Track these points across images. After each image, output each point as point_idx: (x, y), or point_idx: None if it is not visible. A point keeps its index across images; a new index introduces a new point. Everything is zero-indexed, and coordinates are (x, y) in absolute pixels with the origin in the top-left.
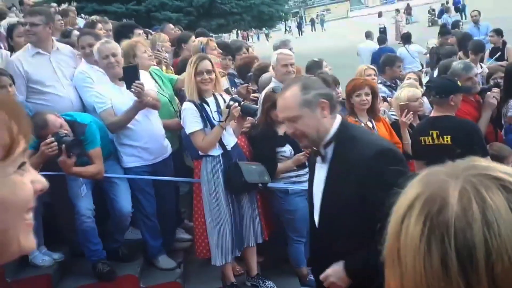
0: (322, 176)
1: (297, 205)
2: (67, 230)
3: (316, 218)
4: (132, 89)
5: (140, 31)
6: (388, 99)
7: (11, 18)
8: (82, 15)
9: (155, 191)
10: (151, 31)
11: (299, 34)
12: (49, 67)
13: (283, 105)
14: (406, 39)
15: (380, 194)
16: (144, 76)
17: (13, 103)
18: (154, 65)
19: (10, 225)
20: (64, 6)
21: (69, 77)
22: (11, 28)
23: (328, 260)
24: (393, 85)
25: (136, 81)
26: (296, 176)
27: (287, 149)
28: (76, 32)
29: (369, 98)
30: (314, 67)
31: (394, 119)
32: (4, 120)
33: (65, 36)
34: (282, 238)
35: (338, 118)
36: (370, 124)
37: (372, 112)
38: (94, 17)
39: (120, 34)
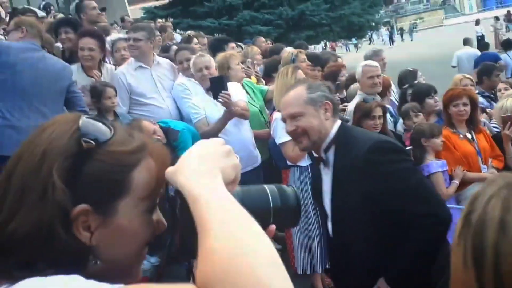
0: (328, 182)
1: None
2: (163, 235)
3: (330, 226)
4: (219, 99)
5: (233, 45)
6: (487, 110)
7: (114, 34)
8: (178, 30)
9: None
10: (242, 44)
11: (390, 44)
12: (150, 80)
13: (288, 101)
14: (506, 45)
15: (384, 186)
16: (235, 87)
17: (163, 153)
18: (247, 77)
19: (133, 252)
20: (161, 22)
21: (168, 89)
22: (113, 44)
23: (346, 268)
24: (492, 95)
25: (223, 91)
26: None
27: None
28: (174, 47)
29: (468, 108)
30: (408, 76)
31: (496, 131)
32: (153, 167)
33: (164, 51)
34: None
35: (338, 122)
36: (469, 136)
37: (472, 123)
38: (189, 32)
39: (215, 48)
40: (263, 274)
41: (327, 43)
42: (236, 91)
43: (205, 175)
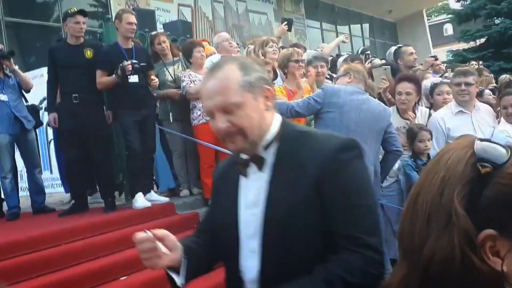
0: (258, 190)
1: None
2: None
3: (250, 245)
4: None
5: None
6: None
7: (431, 78)
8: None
9: None
10: None
11: None
12: (470, 126)
13: (218, 87)
14: None
15: (352, 185)
16: None
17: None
18: None
19: None
20: (477, 65)
21: (487, 136)
22: (435, 86)
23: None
24: None
25: None
26: None
27: None
28: (487, 91)
29: None
30: None
31: None
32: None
33: (479, 95)
34: None
35: (276, 113)
36: None
37: None
38: (507, 76)
39: None
40: None
41: None
42: None
43: None
